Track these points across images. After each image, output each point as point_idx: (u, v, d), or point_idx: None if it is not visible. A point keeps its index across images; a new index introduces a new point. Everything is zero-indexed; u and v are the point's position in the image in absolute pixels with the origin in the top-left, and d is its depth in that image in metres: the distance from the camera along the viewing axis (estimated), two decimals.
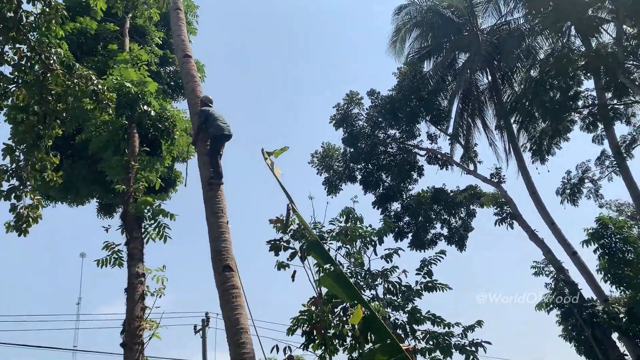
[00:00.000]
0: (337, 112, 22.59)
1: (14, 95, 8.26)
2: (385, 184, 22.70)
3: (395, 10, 24.34)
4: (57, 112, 8.41)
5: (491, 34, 22.50)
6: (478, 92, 23.59)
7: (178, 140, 12.46)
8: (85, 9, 13.16)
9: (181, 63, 11.60)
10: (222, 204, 10.03)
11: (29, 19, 8.11)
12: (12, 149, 7.90)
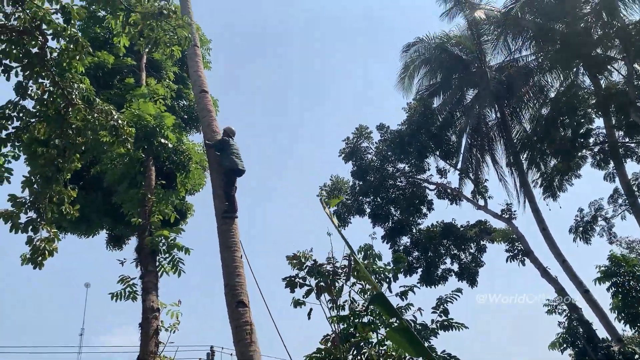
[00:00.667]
0: (347, 145, 22.71)
1: (36, 128, 8.36)
2: (394, 218, 22.59)
3: (404, 48, 24.73)
4: (77, 145, 8.50)
5: (499, 70, 22.76)
6: (487, 127, 23.71)
7: (192, 173, 12.53)
8: (102, 43, 13.46)
9: (197, 98, 11.77)
10: (236, 237, 10.02)
11: (53, 55, 8.28)
12: (31, 181, 7.95)
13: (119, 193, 11.65)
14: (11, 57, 8.05)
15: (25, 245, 7.94)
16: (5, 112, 8.10)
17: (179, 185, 12.41)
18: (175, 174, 12.35)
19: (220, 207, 10.12)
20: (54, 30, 8.42)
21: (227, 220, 9.92)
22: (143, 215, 10.94)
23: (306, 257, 8.88)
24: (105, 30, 13.54)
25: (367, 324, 9.63)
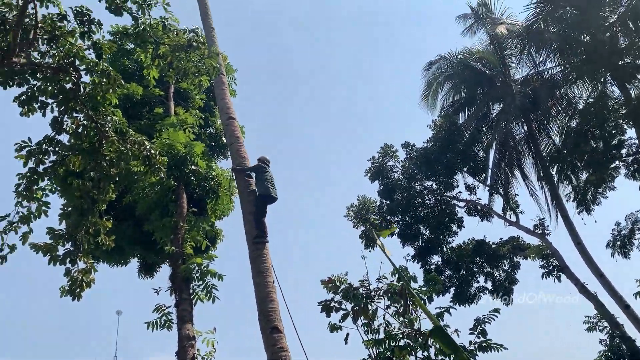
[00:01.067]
0: (372, 165, 22.63)
1: (71, 162, 8.54)
2: (424, 237, 22.31)
3: (425, 66, 24.69)
4: (111, 177, 8.64)
5: (525, 84, 22.51)
6: (514, 142, 23.39)
7: (222, 199, 12.62)
8: (130, 75, 13.78)
9: (225, 125, 11.89)
10: (268, 262, 9.99)
11: (86, 89, 8.49)
12: (68, 214, 8.11)
13: (151, 221, 11.79)
14: (47, 94, 8.29)
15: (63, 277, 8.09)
16: (42, 146, 8.31)
17: (209, 212, 12.50)
18: (205, 200, 12.45)
19: (251, 232, 10.12)
20: (87, 66, 8.66)
21: (259, 245, 9.92)
22: (176, 243, 11.03)
23: (341, 280, 8.80)
24: (133, 62, 13.89)
25: (404, 347, 9.47)
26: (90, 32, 8.38)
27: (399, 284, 10.18)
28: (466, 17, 23.13)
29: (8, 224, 7.82)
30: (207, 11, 13.68)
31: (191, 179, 11.74)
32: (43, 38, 8.50)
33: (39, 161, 8.28)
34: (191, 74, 8.56)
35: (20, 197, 7.98)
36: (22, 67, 7.94)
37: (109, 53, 8.58)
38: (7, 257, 7.70)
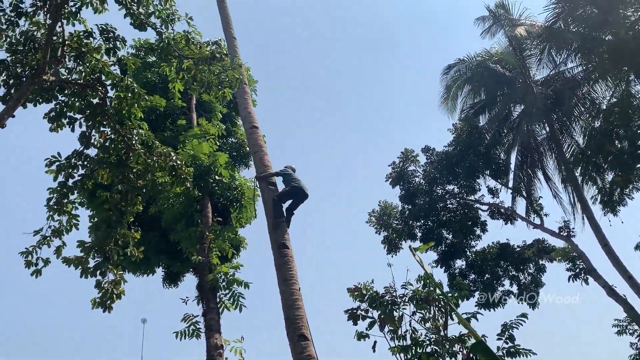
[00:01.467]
0: (393, 170, 22.58)
1: (99, 175, 8.73)
2: (447, 241, 22.17)
3: (444, 70, 24.54)
4: (138, 188, 8.80)
5: (545, 85, 22.26)
6: (536, 143, 23.11)
7: (245, 207, 12.75)
8: (153, 87, 14.01)
9: (248, 134, 12.01)
10: (293, 270, 10.04)
11: (113, 103, 8.68)
12: (98, 226, 8.28)
13: (176, 232, 11.95)
14: (75, 109, 8.50)
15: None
16: (72, 161, 8.51)
17: (234, 221, 12.63)
18: (229, 209, 12.59)
19: (276, 239, 10.21)
20: (112, 81, 8.86)
21: (283, 250, 10.01)
22: (202, 252, 11.17)
23: (367, 288, 8.80)
24: (156, 74, 14.13)
25: (431, 353, 9.42)
26: (115, 49, 8.58)
27: (425, 290, 10.13)
28: (484, 20, 22.99)
29: (41, 238, 8.02)
30: (228, 21, 13.85)
31: (215, 189, 11.90)
32: (70, 55, 8.73)
33: (68, 175, 8.49)
34: (214, 87, 8.70)
35: (52, 211, 8.18)
36: (51, 84, 8.16)
37: (133, 68, 8.77)
38: (42, 270, 7.89)
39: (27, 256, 7.95)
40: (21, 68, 8.34)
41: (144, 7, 7.98)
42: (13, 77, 8.25)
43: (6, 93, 8.18)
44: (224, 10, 14.04)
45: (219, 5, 14.23)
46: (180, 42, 8.47)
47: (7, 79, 8.29)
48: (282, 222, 10.11)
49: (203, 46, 8.51)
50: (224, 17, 13.94)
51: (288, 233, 10.37)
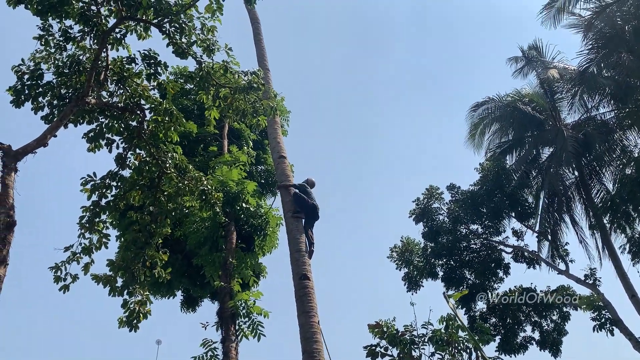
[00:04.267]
0: (417, 206, 22.45)
1: (131, 196, 8.92)
2: (468, 282, 21.78)
3: (472, 107, 24.57)
4: (168, 211, 8.95)
5: (576, 128, 22.09)
6: (565, 187, 22.81)
7: (269, 236, 12.81)
8: (188, 113, 14.35)
9: (276, 163, 12.20)
10: (313, 302, 10.01)
11: (150, 127, 8.92)
12: (127, 246, 8.42)
13: (200, 256, 12.04)
14: (113, 131, 8.76)
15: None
16: (106, 181, 8.72)
17: (257, 249, 12.69)
18: (253, 237, 12.67)
19: (297, 268, 10.24)
20: (151, 105, 9.13)
21: (304, 281, 10.04)
22: (224, 278, 11.22)
23: (388, 326, 8.72)
24: (191, 101, 14.49)
25: None
26: (156, 74, 8.87)
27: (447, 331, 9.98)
28: (517, 60, 23.09)
29: (71, 254, 8.18)
30: (263, 54, 14.24)
31: (241, 216, 12.02)
32: (112, 79, 9.04)
33: (102, 195, 8.69)
34: (249, 115, 8.90)
35: (83, 229, 8.35)
36: (93, 106, 8.44)
37: (172, 93, 9.04)
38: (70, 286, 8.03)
39: (56, 271, 8.11)
40: (65, 90, 8.66)
41: (186, 36, 8.26)
42: (57, 98, 8.57)
43: (49, 113, 8.49)
44: (260, 43, 14.46)
45: (255, 38, 14.68)
46: (218, 71, 8.71)
47: (52, 99, 8.61)
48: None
49: (240, 76, 8.73)
50: (259, 50, 14.34)
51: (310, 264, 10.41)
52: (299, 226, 10.62)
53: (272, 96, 9.30)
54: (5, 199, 6.66)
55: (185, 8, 7.97)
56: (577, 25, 20.47)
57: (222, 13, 8.21)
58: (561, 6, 20.29)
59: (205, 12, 8.24)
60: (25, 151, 7.17)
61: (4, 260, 6.31)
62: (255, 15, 15.05)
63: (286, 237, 10.69)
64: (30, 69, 8.51)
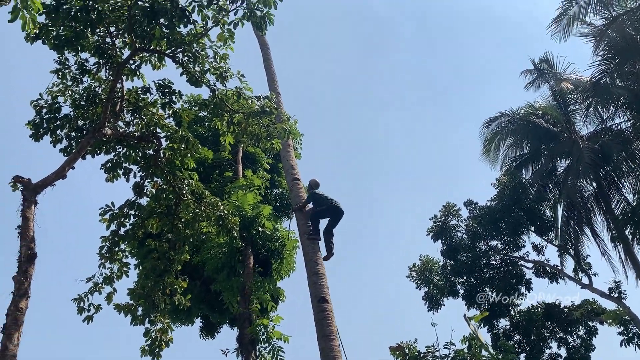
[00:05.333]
0: (434, 223, 22.30)
1: (149, 224, 8.98)
2: (490, 299, 21.46)
3: (485, 123, 24.49)
4: (186, 238, 8.99)
5: (592, 139, 21.88)
6: (583, 199, 22.49)
7: (286, 259, 12.77)
8: (203, 139, 14.50)
9: (290, 186, 12.21)
10: (332, 325, 9.89)
11: (166, 154, 9.02)
12: (147, 275, 8.45)
13: (218, 282, 12.02)
14: (130, 160, 8.86)
15: None
16: (124, 210, 8.80)
17: (274, 272, 12.65)
18: (270, 261, 12.64)
19: (316, 293, 10.16)
20: (167, 133, 9.24)
21: (322, 304, 9.96)
22: (243, 303, 11.18)
23: (410, 347, 8.59)
24: (205, 127, 14.65)
25: None
26: (171, 102, 9.00)
27: (469, 351, 9.79)
28: (530, 73, 23.07)
29: (93, 285, 8.23)
30: (274, 78, 14.39)
31: (258, 240, 12.03)
32: (128, 109, 9.18)
33: (120, 224, 8.76)
34: (263, 138, 8.96)
35: (103, 259, 8.42)
36: (109, 137, 8.57)
37: (187, 121, 9.15)
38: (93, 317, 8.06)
39: (79, 303, 8.15)
40: (82, 122, 8.81)
41: (199, 65, 8.38)
42: (75, 130, 8.72)
43: (68, 145, 8.63)
44: (270, 68, 14.63)
45: (265, 63, 14.85)
46: (231, 97, 8.81)
47: (69, 131, 8.76)
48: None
49: (253, 101, 8.82)
50: (270, 74, 14.50)
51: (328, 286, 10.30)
52: (316, 248, 10.57)
53: (285, 119, 9.36)
54: (25, 231, 6.74)
55: (198, 37, 8.10)
56: (588, 35, 20.44)
57: (234, 41, 8.34)
58: (570, 20, 20.31)
59: (217, 40, 8.37)
60: (45, 184, 7.28)
61: (26, 293, 6.36)
62: (264, 41, 15.26)
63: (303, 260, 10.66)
64: (48, 103, 8.68)
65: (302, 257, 10.70)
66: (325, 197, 10.89)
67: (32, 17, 5.10)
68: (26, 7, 5.02)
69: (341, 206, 10.71)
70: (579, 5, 19.81)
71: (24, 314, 6.24)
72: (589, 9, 19.58)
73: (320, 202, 10.76)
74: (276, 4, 7.81)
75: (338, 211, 10.66)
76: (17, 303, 6.20)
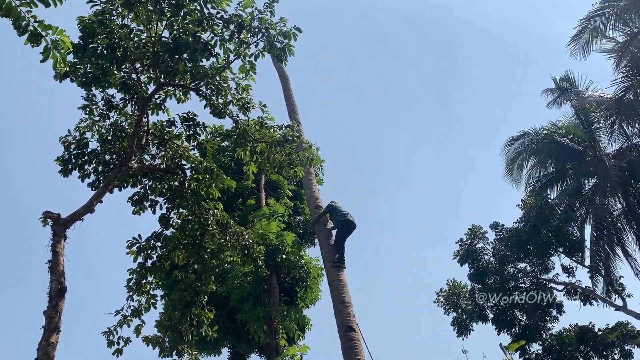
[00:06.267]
0: (461, 247, 21.98)
1: (175, 255, 9.03)
2: (520, 323, 20.94)
3: (507, 142, 24.27)
4: (212, 268, 9.01)
5: (618, 157, 21.49)
6: (612, 218, 22.00)
7: (311, 287, 12.69)
8: (226, 169, 14.65)
9: (313, 213, 12.26)
10: (360, 355, 9.77)
11: (191, 186, 9.11)
12: (174, 306, 8.46)
13: (244, 311, 11.98)
14: (157, 193, 8.98)
15: None
16: (151, 242, 8.88)
17: (300, 301, 12.57)
18: (295, 289, 12.58)
19: (342, 320, 10.06)
20: (191, 164, 9.36)
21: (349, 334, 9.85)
22: (269, 333, 11.10)
23: None
24: (229, 158, 14.81)
25: None
26: (195, 134, 9.14)
27: None
28: (552, 91, 22.90)
29: (122, 317, 8.27)
30: (293, 107, 14.58)
31: (282, 268, 12.01)
32: (153, 142, 9.35)
33: (147, 256, 8.83)
34: (286, 167, 9.02)
35: (131, 291, 8.47)
36: (136, 171, 8.71)
37: (211, 151, 9.26)
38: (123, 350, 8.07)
39: (109, 336, 8.18)
40: (109, 156, 8.99)
41: (222, 97, 8.52)
42: (102, 164, 8.89)
43: (95, 180, 8.79)
44: (290, 98, 14.82)
45: (285, 93, 15.06)
46: (254, 127, 8.91)
47: (97, 166, 8.94)
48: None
49: (275, 130, 8.91)
50: (290, 104, 14.70)
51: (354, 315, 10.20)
52: (341, 276, 10.51)
53: (307, 147, 9.42)
54: (56, 266, 6.83)
55: (220, 70, 8.25)
56: (609, 52, 20.27)
57: (256, 72, 8.48)
58: (589, 37, 20.22)
59: (239, 72, 8.52)
60: (74, 219, 7.39)
61: (57, 328, 6.42)
62: (284, 72, 15.49)
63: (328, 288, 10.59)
64: (75, 139, 8.89)
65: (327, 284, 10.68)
66: (340, 209, 11.12)
67: (62, 57, 5.26)
68: (56, 47, 5.18)
69: (353, 219, 10.96)
70: (597, 23, 19.74)
71: (55, 348, 6.28)
72: (608, 26, 19.50)
73: (335, 213, 11.08)
74: (296, 36, 7.94)
75: (349, 225, 10.78)
76: (48, 338, 6.25)
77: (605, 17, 19.54)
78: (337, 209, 11.26)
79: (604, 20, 19.59)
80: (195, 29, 7.54)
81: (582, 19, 20.16)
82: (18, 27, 4.85)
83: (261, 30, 7.91)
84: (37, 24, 4.89)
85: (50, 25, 4.99)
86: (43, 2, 4.81)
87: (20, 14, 4.73)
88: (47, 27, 4.96)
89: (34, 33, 4.92)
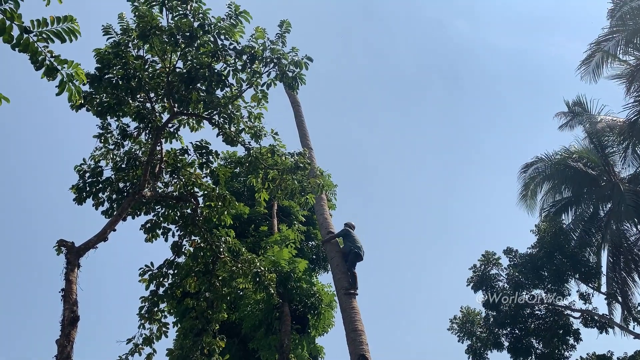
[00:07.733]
0: (474, 273, 21.70)
1: (187, 283, 9.02)
2: (537, 351, 20.49)
3: (522, 169, 24.17)
4: (224, 296, 8.98)
5: (633, 181, 21.26)
6: (629, 243, 21.65)
7: (323, 315, 12.56)
8: (238, 195, 14.70)
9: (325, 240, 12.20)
10: None
11: (204, 213, 9.15)
12: (185, 335, 8.43)
13: (256, 340, 11.86)
14: (169, 220, 9.03)
15: None
16: (163, 270, 8.89)
17: (312, 329, 12.44)
18: (308, 317, 12.46)
19: (355, 349, 9.92)
20: (204, 191, 9.42)
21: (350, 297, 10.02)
22: None
23: None
24: (241, 184, 14.87)
25: None
26: (208, 162, 9.21)
27: None
28: (564, 115, 22.87)
29: (134, 346, 8.24)
30: (305, 133, 14.65)
31: (294, 295, 11.92)
32: (166, 170, 9.43)
33: (159, 284, 8.83)
34: (297, 193, 9.04)
35: (143, 319, 8.45)
36: (149, 198, 8.77)
37: (224, 179, 9.32)
38: None
39: None
40: (123, 184, 9.07)
41: (235, 125, 8.61)
42: (116, 192, 8.98)
43: (109, 207, 8.86)
44: (302, 125, 14.90)
45: (297, 120, 15.15)
46: (266, 154, 8.97)
47: (111, 194, 9.02)
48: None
49: (287, 157, 8.96)
50: (302, 131, 14.77)
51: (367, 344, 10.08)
52: (353, 303, 10.41)
53: (318, 174, 9.45)
54: (69, 294, 6.85)
55: (233, 99, 8.36)
56: (620, 77, 20.24)
57: (267, 101, 8.58)
58: (599, 61, 20.23)
59: (252, 101, 8.62)
60: (87, 247, 7.43)
61: (68, 357, 6.40)
62: (295, 99, 15.61)
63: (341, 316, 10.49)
64: (90, 168, 9.00)
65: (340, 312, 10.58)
66: (354, 238, 11.14)
67: (77, 89, 5.36)
68: (71, 80, 5.28)
69: (362, 253, 11.14)
70: (607, 47, 19.78)
71: None
72: (619, 50, 19.53)
73: (349, 240, 11.20)
74: (307, 65, 8.04)
75: (358, 257, 11.07)
76: None
77: (615, 41, 19.59)
78: (352, 237, 11.32)
79: (614, 45, 19.63)
80: (209, 60, 7.66)
81: (591, 43, 20.23)
82: (35, 62, 4.96)
83: (273, 60, 8.03)
84: (54, 59, 5.00)
85: (66, 60, 5.10)
86: (59, 38, 4.92)
87: (37, 49, 4.84)
88: (62, 61, 5.07)
89: (50, 67, 5.03)
